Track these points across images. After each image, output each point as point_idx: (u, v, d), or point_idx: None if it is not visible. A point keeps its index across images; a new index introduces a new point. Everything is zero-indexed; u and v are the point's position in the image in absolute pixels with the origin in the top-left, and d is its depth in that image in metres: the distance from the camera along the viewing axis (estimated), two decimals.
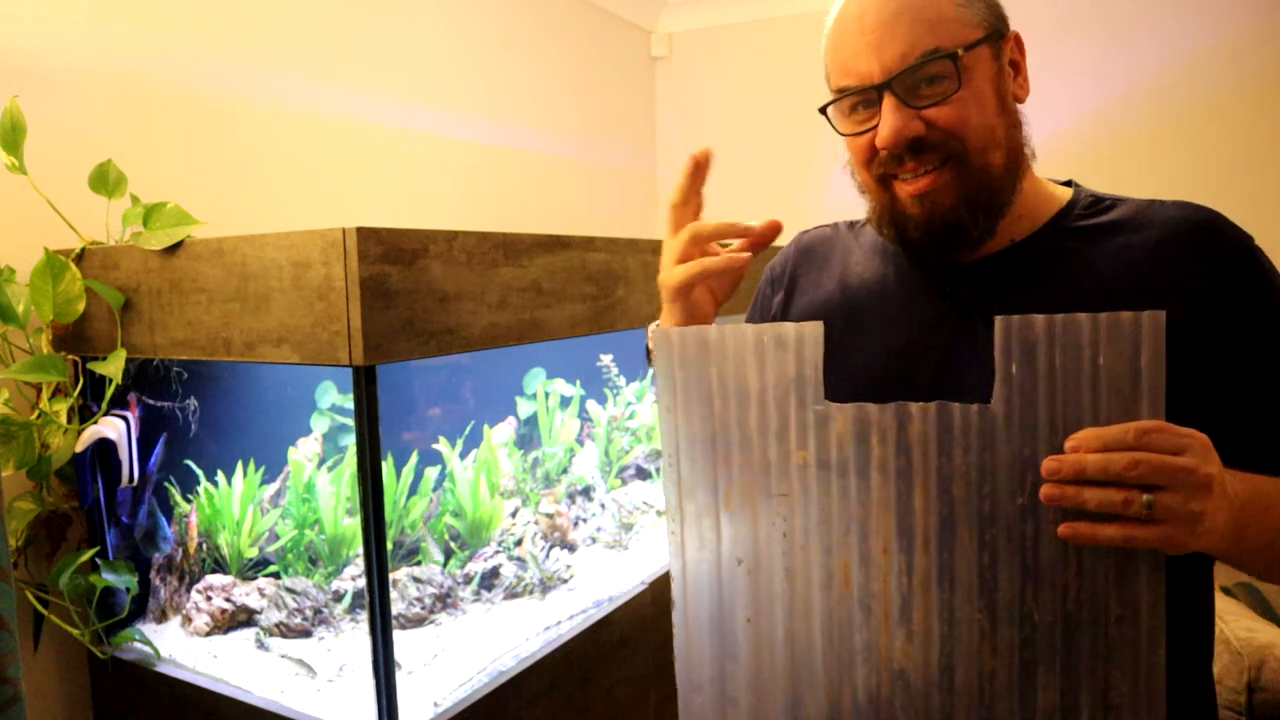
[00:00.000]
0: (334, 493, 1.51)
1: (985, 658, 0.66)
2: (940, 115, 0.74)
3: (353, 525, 1.51)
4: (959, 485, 0.65)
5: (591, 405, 2.13)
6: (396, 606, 1.43)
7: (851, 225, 0.96)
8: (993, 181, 0.76)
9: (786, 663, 0.72)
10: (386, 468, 1.49)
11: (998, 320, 0.63)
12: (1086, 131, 2.39)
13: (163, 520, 1.43)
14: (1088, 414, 0.62)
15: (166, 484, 1.46)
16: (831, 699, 0.70)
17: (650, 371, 0.86)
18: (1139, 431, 0.59)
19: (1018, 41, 0.80)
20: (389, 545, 1.41)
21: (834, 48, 0.80)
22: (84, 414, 1.29)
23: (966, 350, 0.79)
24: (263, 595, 1.42)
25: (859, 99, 0.77)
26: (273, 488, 1.58)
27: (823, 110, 0.81)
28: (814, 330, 0.68)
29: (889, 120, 0.74)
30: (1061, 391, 0.62)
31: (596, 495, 1.98)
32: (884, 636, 0.68)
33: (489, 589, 1.56)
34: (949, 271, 0.82)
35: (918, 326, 0.83)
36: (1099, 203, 0.81)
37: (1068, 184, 0.86)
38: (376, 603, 1.08)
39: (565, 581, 1.62)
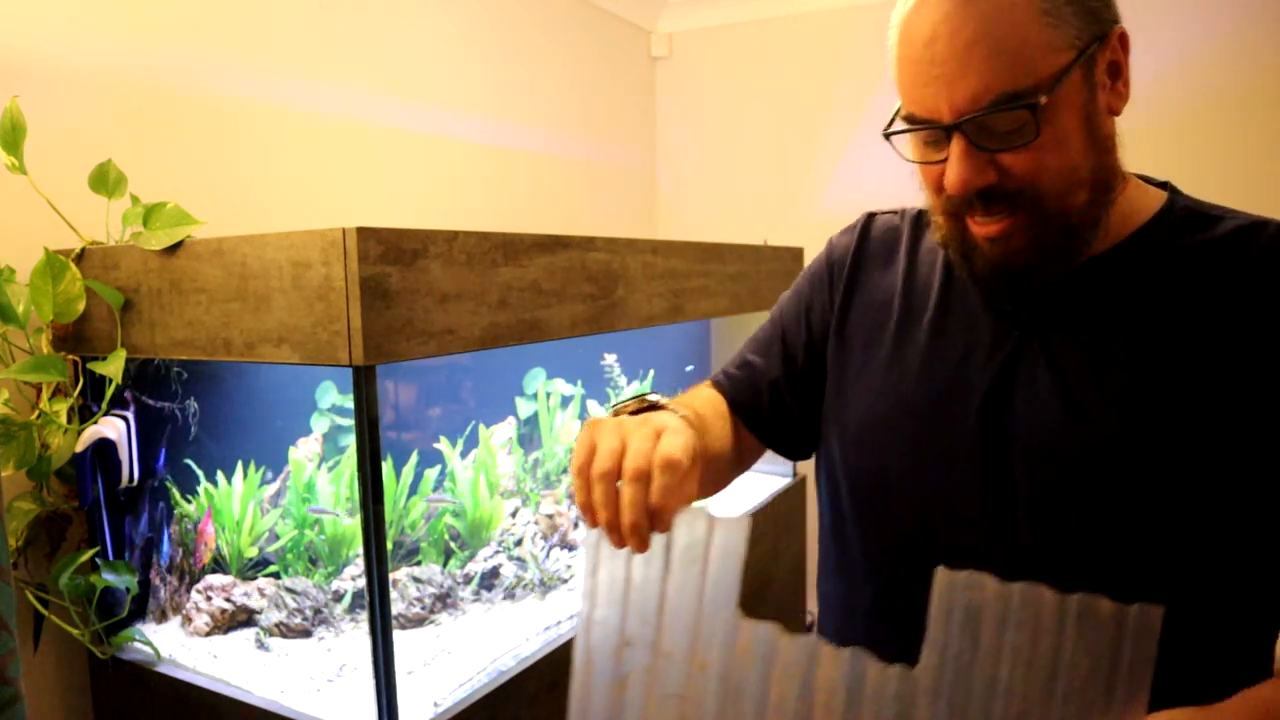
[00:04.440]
0: (334, 493, 1.51)
1: None
2: (1016, 163, 0.66)
3: (353, 525, 1.51)
4: None
5: (592, 405, 2.13)
6: (396, 606, 1.43)
7: (920, 216, 0.89)
8: (1072, 223, 0.68)
9: None
10: (386, 468, 1.49)
11: (938, 573, 0.54)
12: None
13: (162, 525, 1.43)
14: (1036, 712, 0.50)
15: (167, 483, 1.46)
16: None
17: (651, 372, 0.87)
18: None
19: (1121, 40, 0.68)
20: (389, 545, 1.41)
21: (901, 67, 0.70)
22: (84, 414, 1.29)
23: (1024, 377, 0.73)
24: (263, 595, 1.42)
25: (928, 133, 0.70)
26: (273, 488, 1.58)
27: (886, 136, 0.73)
28: (735, 542, 0.61)
29: (956, 168, 0.66)
30: (1006, 677, 0.50)
31: None
32: None
33: (489, 589, 1.56)
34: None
35: (972, 346, 0.77)
36: (1194, 217, 0.72)
37: (1164, 185, 0.77)
38: (376, 603, 1.09)
39: (565, 581, 1.62)
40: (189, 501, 1.47)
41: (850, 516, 0.84)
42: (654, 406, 0.74)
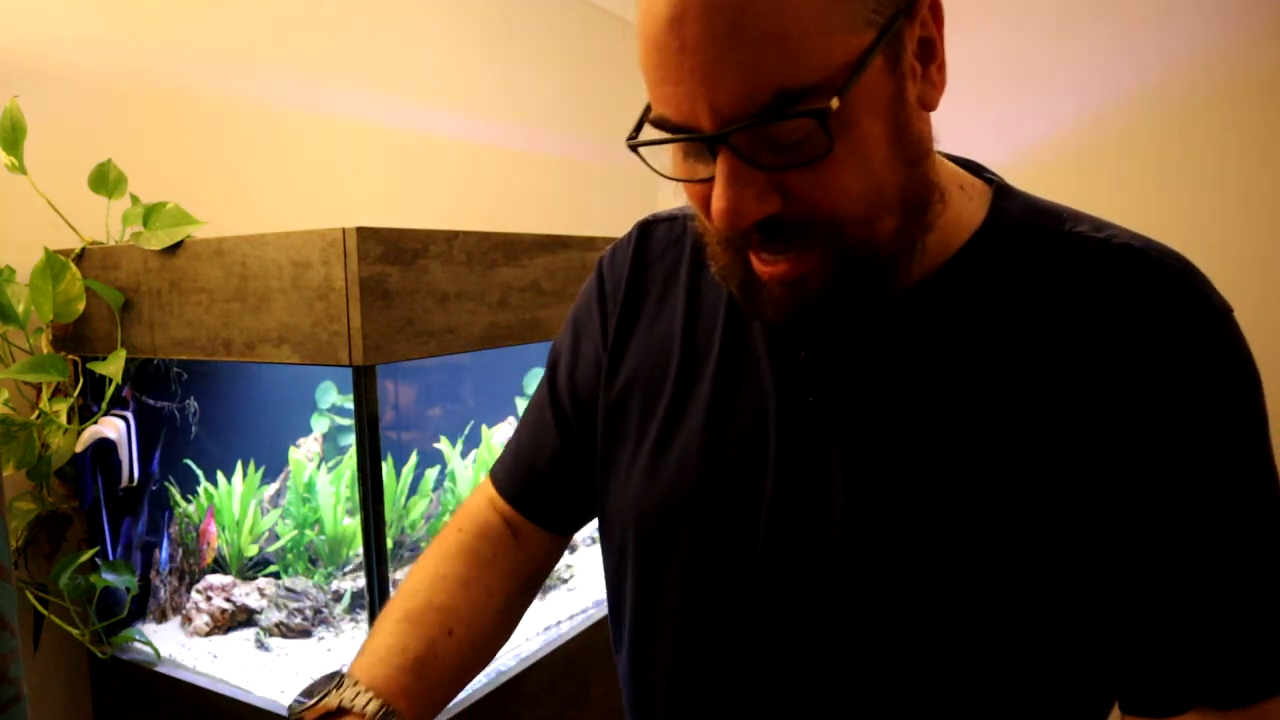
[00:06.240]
0: (334, 493, 1.51)
1: None
2: (803, 186, 0.48)
3: (353, 525, 1.51)
4: None
5: None
6: None
7: None
8: (880, 253, 0.52)
9: None
10: (386, 468, 1.49)
11: None
12: (1084, 133, 2.39)
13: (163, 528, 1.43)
14: None
15: (167, 483, 1.46)
16: None
17: None
18: None
19: (933, 8, 0.50)
20: (389, 545, 1.41)
21: (646, 53, 0.50)
22: (84, 414, 1.29)
23: (820, 457, 0.57)
24: (263, 595, 1.42)
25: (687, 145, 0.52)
26: (273, 488, 1.58)
27: (633, 148, 0.53)
28: None
29: (724, 195, 0.48)
30: None
31: None
32: None
33: None
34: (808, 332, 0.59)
35: (760, 413, 0.60)
36: (1023, 231, 0.56)
37: (977, 170, 0.61)
38: (376, 603, 1.09)
39: (565, 581, 1.62)
40: (189, 501, 1.48)
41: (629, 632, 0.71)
42: (342, 683, 0.60)
